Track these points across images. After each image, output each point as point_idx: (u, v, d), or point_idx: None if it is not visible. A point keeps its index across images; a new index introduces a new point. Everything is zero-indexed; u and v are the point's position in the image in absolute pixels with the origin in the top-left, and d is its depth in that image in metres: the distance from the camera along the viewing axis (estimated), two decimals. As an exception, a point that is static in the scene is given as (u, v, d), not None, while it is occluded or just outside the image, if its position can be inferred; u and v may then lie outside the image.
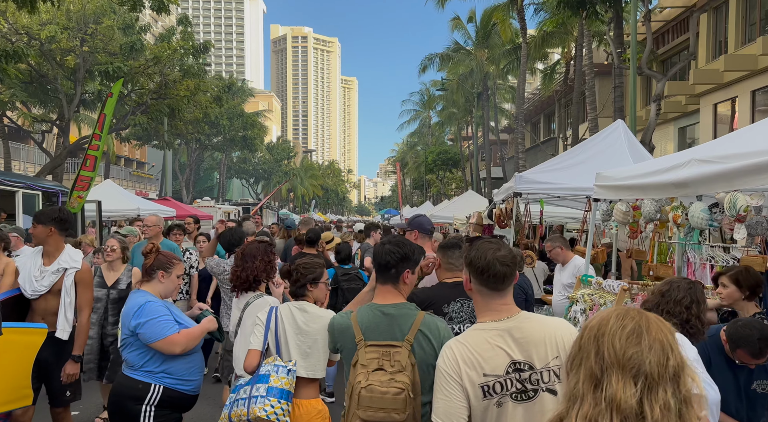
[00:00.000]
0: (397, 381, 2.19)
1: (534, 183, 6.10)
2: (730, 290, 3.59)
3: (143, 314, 3.10)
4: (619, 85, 14.20)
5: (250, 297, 3.63)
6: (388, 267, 2.49)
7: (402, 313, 2.42)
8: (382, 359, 2.27)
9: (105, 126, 10.85)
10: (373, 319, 2.42)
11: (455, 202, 19.79)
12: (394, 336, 2.35)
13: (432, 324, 2.39)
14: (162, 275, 3.29)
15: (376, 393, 2.17)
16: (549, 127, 37.75)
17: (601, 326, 1.34)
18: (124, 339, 3.18)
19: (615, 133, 6.86)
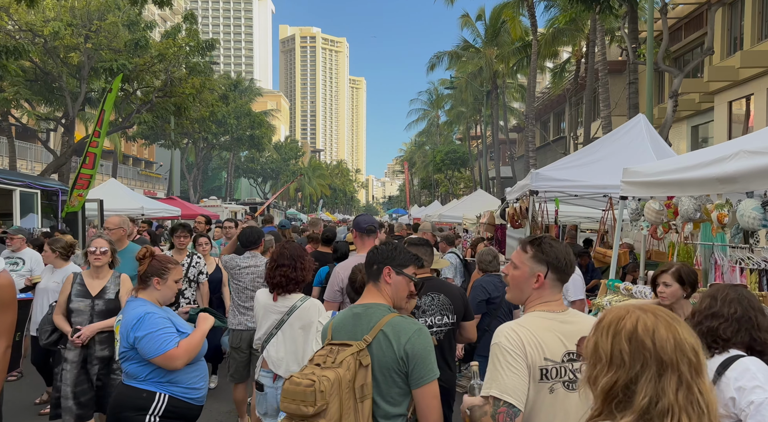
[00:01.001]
0: (316, 375, 2.10)
1: (551, 180, 5.72)
2: (674, 288, 3.37)
3: (142, 327, 2.96)
4: (633, 81, 13.77)
5: (296, 300, 3.50)
6: (370, 264, 2.45)
7: (368, 313, 2.31)
8: (327, 356, 2.20)
9: (104, 122, 10.59)
10: (343, 320, 2.36)
11: (464, 201, 19.41)
12: (355, 335, 2.26)
13: (398, 325, 2.25)
14: (157, 282, 3.13)
15: (292, 385, 2.11)
16: (559, 126, 37.29)
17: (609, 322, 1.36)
18: (123, 352, 3.03)
19: (636, 128, 6.48)
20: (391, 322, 2.25)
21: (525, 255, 2.22)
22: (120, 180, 41.21)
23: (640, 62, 13.47)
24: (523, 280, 2.19)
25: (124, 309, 3.15)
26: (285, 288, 3.55)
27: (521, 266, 2.21)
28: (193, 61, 19.38)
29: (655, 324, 1.29)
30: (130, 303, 3.12)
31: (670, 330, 1.29)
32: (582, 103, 28.04)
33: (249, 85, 50.00)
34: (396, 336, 2.20)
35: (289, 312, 3.47)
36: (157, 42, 18.84)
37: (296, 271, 3.56)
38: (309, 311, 3.46)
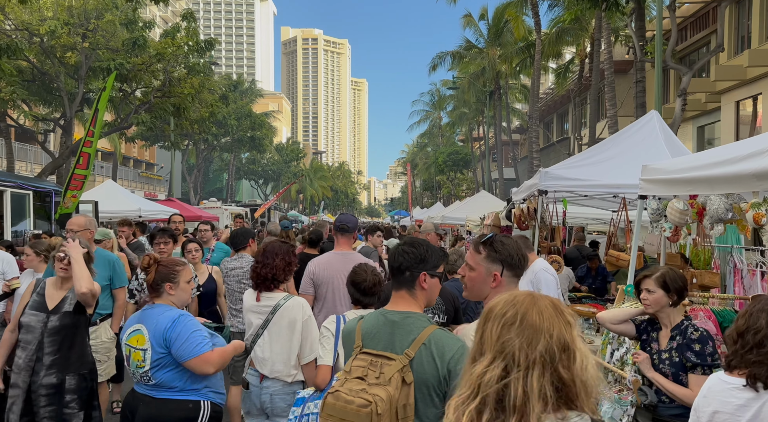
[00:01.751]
0: (369, 393, 1.92)
1: (561, 179, 5.43)
2: (657, 295, 3.13)
3: (178, 328, 2.88)
4: (641, 79, 13.47)
5: (280, 298, 3.46)
6: (402, 270, 2.22)
7: (407, 322, 2.12)
8: (368, 368, 2.01)
9: (98, 122, 10.33)
10: (375, 326, 2.17)
11: (467, 202, 19.10)
12: (393, 346, 2.08)
13: (442, 340, 2.06)
14: (169, 287, 3.04)
15: (341, 401, 1.93)
16: (562, 127, 37.01)
17: (491, 310, 1.44)
18: (157, 359, 2.88)
19: (649, 125, 6.18)
20: (434, 336, 2.06)
21: (479, 256, 2.25)
22: (121, 182, 41.08)
23: (648, 60, 13.17)
24: (481, 280, 2.23)
25: (144, 316, 2.98)
26: (264, 287, 3.51)
27: (477, 267, 2.23)
28: (192, 60, 19.12)
29: (496, 317, 1.41)
30: (152, 309, 2.99)
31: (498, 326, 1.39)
32: (586, 104, 27.77)
33: (250, 86, 49.78)
34: (440, 353, 2.02)
35: (273, 311, 3.42)
36: (155, 41, 18.58)
37: (265, 268, 3.50)
38: (293, 310, 3.40)
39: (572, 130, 33.47)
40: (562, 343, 1.33)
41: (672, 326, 3.15)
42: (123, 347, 3.01)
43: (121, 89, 19.96)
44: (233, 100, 37.96)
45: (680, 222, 3.50)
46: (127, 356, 2.98)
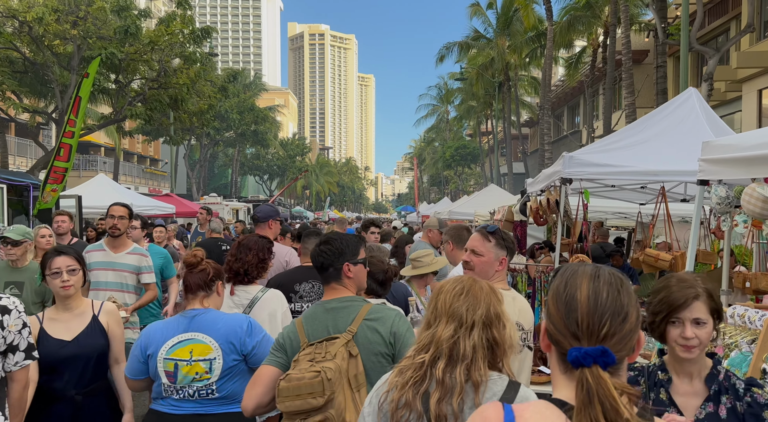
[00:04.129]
0: (317, 366, 2.09)
1: (588, 165, 4.59)
2: (708, 329, 1.88)
3: (255, 331, 2.73)
4: (662, 64, 12.58)
5: (257, 291, 3.43)
6: (326, 268, 2.43)
7: (345, 306, 2.33)
8: (314, 352, 2.17)
9: (81, 110, 9.58)
10: (315, 318, 2.32)
11: (476, 197, 18.27)
12: (337, 329, 2.26)
13: (381, 311, 2.31)
14: (220, 285, 2.88)
15: (293, 382, 2.07)
16: (573, 120, 36.04)
17: (441, 287, 1.79)
18: (230, 368, 2.65)
19: (688, 103, 5.33)
20: (372, 311, 2.29)
21: (489, 243, 2.65)
22: (124, 178, 40.56)
23: (671, 42, 12.26)
24: (489, 264, 2.63)
25: (197, 323, 2.68)
26: (236, 281, 3.46)
27: (486, 253, 2.63)
28: (189, 50, 18.36)
29: (447, 290, 1.79)
30: (206, 314, 2.71)
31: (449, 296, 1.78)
32: (599, 94, 26.81)
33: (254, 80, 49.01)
34: (381, 322, 2.25)
35: (251, 304, 3.39)
36: (149, 30, 17.84)
37: (238, 263, 3.44)
38: (272, 301, 3.40)
39: (583, 122, 32.52)
40: (495, 312, 1.72)
41: (704, 375, 1.91)
42: (162, 363, 2.62)
43: (116, 80, 19.25)
44: (234, 94, 37.18)
45: (763, 213, 2.66)
46: (169, 372, 2.62)
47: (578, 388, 1.09)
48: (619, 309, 1.16)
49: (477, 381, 1.62)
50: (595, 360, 1.10)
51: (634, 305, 1.18)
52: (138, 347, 2.71)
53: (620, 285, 1.19)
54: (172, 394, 2.64)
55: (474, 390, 1.61)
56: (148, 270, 4.63)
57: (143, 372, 2.70)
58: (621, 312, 1.16)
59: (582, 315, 1.16)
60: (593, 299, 1.16)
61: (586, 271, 1.23)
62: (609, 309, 1.15)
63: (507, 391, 1.64)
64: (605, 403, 1.06)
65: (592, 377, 1.08)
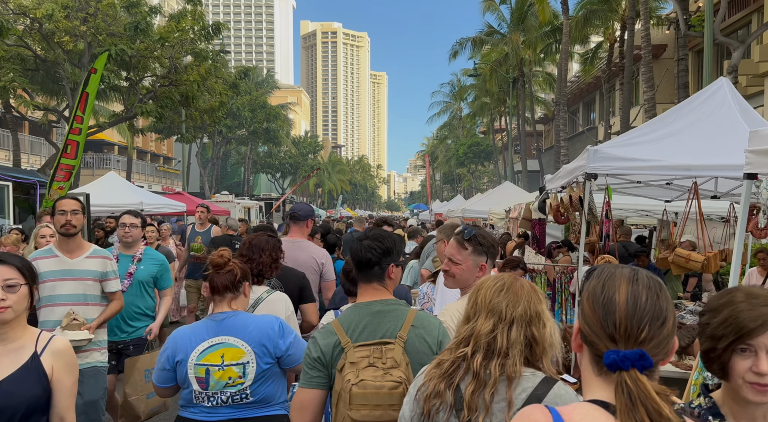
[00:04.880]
0: (393, 375, 2.02)
1: (614, 160, 4.27)
2: None
3: (286, 332, 2.63)
4: (683, 57, 12.14)
5: (262, 292, 3.33)
6: (371, 265, 2.30)
7: (391, 309, 2.23)
8: (372, 356, 2.07)
9: (88, 106, 9.43)
10: (360, 319, 2.20)
11: (490, 194, 17.93)
12: (385, 334, 2.15)
13: (426, 320, 2.23)
14: (247, 286, 2.74)
15: (370, 389, 1.99)
16: (588, 117, 35.48)
17: (481, 283, 1.81)
18: (263, 372, 2.56)
19: (719, 94, 5.00)
20: (419, 318, 2.23)
21: (465, 251, 2.59)
22: (138, 176, 40.67)
23: (694, 34, 11.84)
24: (469, 272, 2.59)
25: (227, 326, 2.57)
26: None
27: (464, 261, 2.58)
28: (200, 46, 18.20)
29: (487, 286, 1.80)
30: (236, 317, 2.60)
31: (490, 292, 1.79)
32: (615, 90, 26.30)
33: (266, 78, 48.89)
34: (429, 331, 2.19)
35: (254, 304, 3.25)
36: (159, 26, 17.70)
37: (251, 263, 3.29)
38: (276, 304, 3.26)
39: (599, 119, 31.97)
40: (535, 310, 1.72)
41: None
42: (192, 369, 2.51)
43: (127, 78, 19.15)
44: (246, 91, 37.06)
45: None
46: (200, 378, 2.51)
47: (618, 392, 1.10)
48: (658, 313, 1.16)
49: (511, 376, 1.63)
50: (633, 364, 1.10)
51: (671, 310, 1.18)
52: (164, 354, 2.59)
53: (659, 290, 1.19)
54: (204, 401, 2.52)
55: (507, 384, 1.64)
56: (114, 276, 3.91)
57: (171, 380, 2.59)
58: (660, 316, 1.15)
59: (620, 318, 1.16)
60: (632, 302, 1.16)
61: (624, 274, 1.22)
62: (648, 313, 1.15)
63: (539, 387, 1.64)
64: (648, 406, 1.07)
65: (631, 380, 1.09)
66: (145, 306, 4.48)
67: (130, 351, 4.32)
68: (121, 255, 4.48)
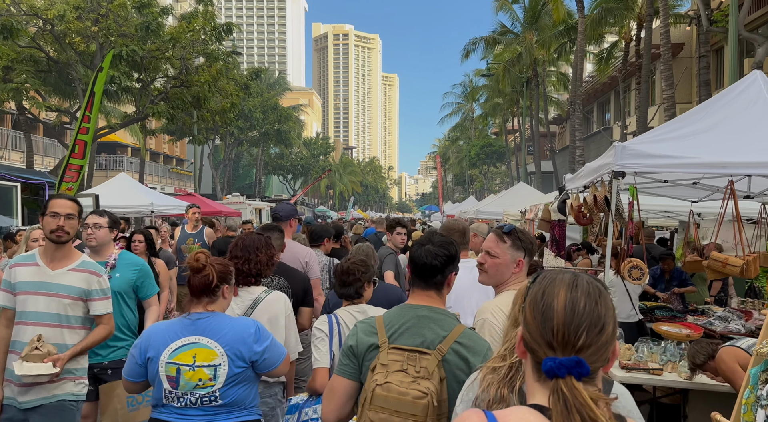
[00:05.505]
0: (421, 385, 1.91)
1: (645, 157, 3.99)
2: None
3: (262, 336, 2.58)
4: (704, 54, 11.79)
5: (260, 292, 3.29)
6: (435, 273, 2.16)
7: (438, 319, 2.09)
8: (406, 362, 1.97)
9: (95, 106, 9.31)
10: (403, 320, 2.09)
11: (504, 196, 17.64)
12: (425, 342, 2.03)
13: (474, 339, 2.06)
14: (226, 289, 2.65)
15: (393, 393, 1.89)
16: (603, 117, 35.01)
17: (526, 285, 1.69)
18: (235, 375, 2.50)
19: (754, 87, 4.72)
20: (466, 335, 2.07)
21: (504, 244, 2.55)
22: (150, 177, 40.79)
23: (716, 29, 11.48)
24: (505, 266, 2.54)
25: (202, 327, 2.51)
26: (245, 282, 3.27)
27: (502, 255, 2.54)
28: (211, 47, 18.11)
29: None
30: (212, 318, 2.53)
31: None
32: (631, 90, 25.86)
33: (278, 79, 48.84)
34: (474, 352, 2.03)
35: (253, 305, 3.24)
36: (171, 27, 17.64)
37: (249, 264, 3.26)
38: (275, 304, 3.24)
39: (614, 119, 31.48)
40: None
41: None
42: (163, 367, 2.46)
43: (139, 79, 19.10)
44: (258, 93, 37.03)
45: None
46: (171, 377, 2.45)
47: (554, 398, 1.09)
48: (596, 320, 1.15)
49: None
50: (569, 371, 1.09)
51: (611, 316, 1.18)
52: (137, 348, 2.52)
53: (598, 296, 1.18)
54: (173, 401, 2.47)
55: None
56: (101, 295, 3.21)
57: (140, 375, 2.54)
58: (598, 323, 1.14)
59: (558, 325, 1.14)
60: (570, 309, 1.15)
61: (564, 280, 1.22)
62: (586, 320, 1.14)
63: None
64: (582, 413, 1.07)
65: (567, 387, 1.09)
66: (124, 322, 3.77)
67: (107, 375, 3.64)
68: None
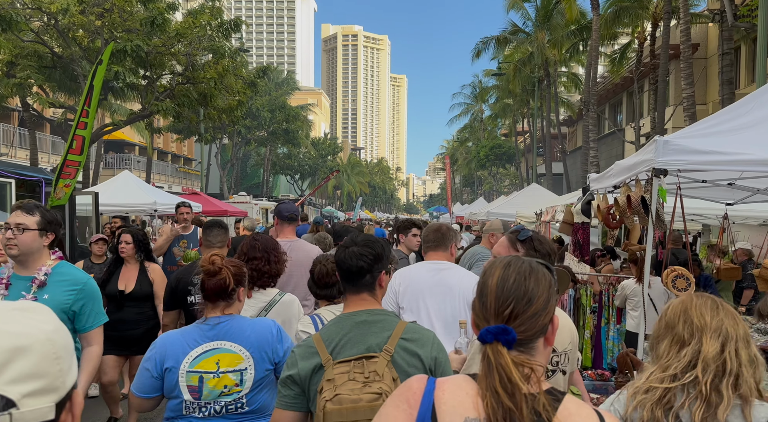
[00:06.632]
0: (372, 388, 1.82)
1: (691, 152, 3.52)
2: None
3: (285, 336, 2.46)
4: (728, 51, 11.29)
5: (274, 294, 3.25)
6: (362, 274, 2.08)
7: (378, 319, 2.01)
8: (352, 371, 1.87)
9: (93, 100, 8.94)
10: (343, 332, 1.98)
11: (515, 197, 17.18)
12: (370, 347, 1.93)
13: (418, 332, 2.00)
14: (242, 292, 2.53)
15: (346, 404, 1.79)
16: (615, 119, 34.44)
17: (685, 303, 1.79)
18: (261, 379, 2.38)
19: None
20: (409, 330, 2.00)
21: (517, 253, 2.36)
22: (158, 177, 40.63)
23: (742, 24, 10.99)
24: None
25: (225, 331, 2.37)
26: (258, 283, 3.19)
27: None
28: (217, 43, 17.77)
29: (699, 305, 1.76)
30: (233, 321, 2.41)
31: (707, 311, 1.73)
32: (644, 91, 25.33)
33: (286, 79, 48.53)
34: (420, 344, 1.97)
35: (267, 307, 3.19)
36: (176, 22, 17.31)
37: (270, 264, 3.22)
38: (290, 307, 3.23)
39: (626, 120, 30.92)
40: (746, 330, 1.74)
41: None
42: (184, 377, 2.31)
43: (145, 76, 18.79)
44: (266, 92, 36.72)
45: None
46: (193, 386, 2.30)
47: (483, 362, 1.22)
48: (523, 293, 1.27)
49: (746, 395, 1.63)
50: (496, 337, 1.21)
51: (542, 291, 1.29)
52: (151, 360, 2.34)
53: (528, 273, 1.30)
54: (194, 412, 2.32)
55: (743, 405, 1.62)
56: None
57: (156, 389, 2.35)
58: (525, 295, 1.27)
59: (491, 300, 1.28)
60: (501, 285, 1.28)
61: (502, 261, 1.36)
62: (513, 293, 1.27)
63: None
64: (502, 374, 1.18)
65: (492, 351, 1.21)
66: None
67: None
68: (15, 278, 2.78)
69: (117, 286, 4.77)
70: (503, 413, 1.15)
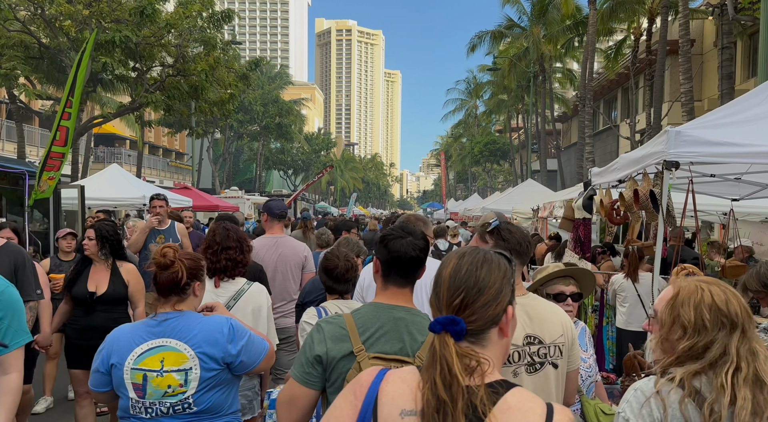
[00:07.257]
0: None
1: (704, 144, 3.33)
2: None
3: (237, 334, 2.32)
4: (727, 45, 11.11)
5: (243, 284, 3.26)
6: (417, 266, 2.01)
7: (416, 321, 1.93)
8: None
9: (77, 89, 8.67)
10: (379, 323, 1.91)
11: (510, 193, 17.02)
12: (404, 348, 1.88)
13: None
14: (197, 286, 2.41)
15: None
16: (610, 115, 34.34)
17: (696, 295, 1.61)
18: (209, 378, 2.26)
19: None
20: None
21: (486, 245, 2.27)
22: (149, 171, 40.20)
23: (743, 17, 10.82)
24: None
25: (171, 328, 2.28)
26: (231, 273, 3.25)
27: None
28: (209, 35, 17.45)
29: (726, 294, 1.56)
30: (181, 318, 2.31)
31: (736, 297, 1.56)
32: (640, 87, 25.19)
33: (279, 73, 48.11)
34: None
35: (236, 296, 3.22)
36: (167, 12, 16.97)
37: (243, 254, 3.30)
38: (258, 296, 3.27)
39: (621, 116, 30.80)
40: None
41: None
42: (128, 374, 2.24)
43: (134, 67, 18.44)
44: (258, 85, 36.33)
45: None
46: (137, 384, 2.23)
47: (429, 352, 1.22)
48: (473, 283, 1.27)
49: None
50: (444, 328, 1.21)
51: (495, 281, 1.28)
52: (99, 355, 2.30)
53: (481, 263, 1.30)
54: (141, 412, 2.24)
55: None
56: None
57: (106, 384, 2.31)
58: (475, 286, 1.27)
59: (443, 290, 1.29)
60: (453, 275, 1.29)
61: (458, 252, 1.37)
62: (464, 283, 1.27)
63: None
64: (444, 365, 1.16)
65: (439, 342, 1.20)
66: None
67: None
68: None
69: (86, 287, 4.13)
70: (437, 405, 1.14)
